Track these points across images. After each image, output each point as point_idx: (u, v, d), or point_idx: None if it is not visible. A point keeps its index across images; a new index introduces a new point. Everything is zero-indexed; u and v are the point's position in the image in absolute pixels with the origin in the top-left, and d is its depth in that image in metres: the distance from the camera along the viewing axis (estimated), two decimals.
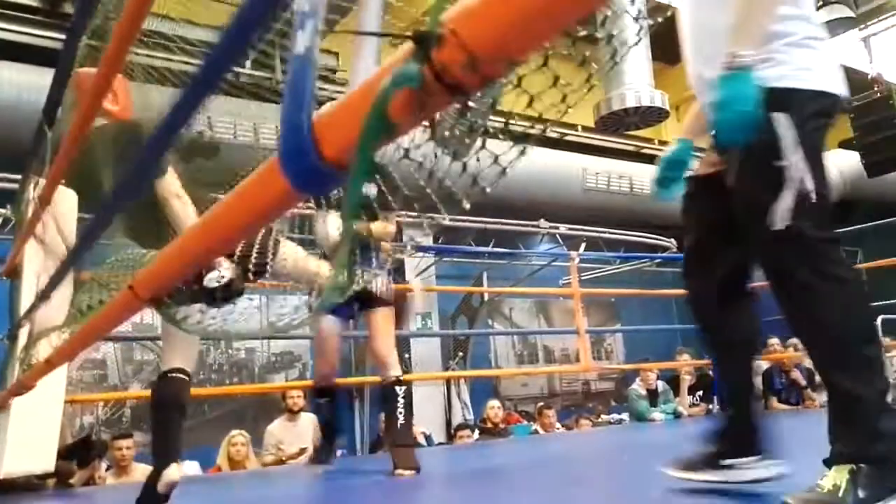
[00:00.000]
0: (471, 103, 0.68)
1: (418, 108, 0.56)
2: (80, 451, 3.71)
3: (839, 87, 1.65)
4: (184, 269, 0.95)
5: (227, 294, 1.75)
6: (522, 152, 0.79)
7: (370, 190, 2.26)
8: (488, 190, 0.83)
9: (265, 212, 0.77)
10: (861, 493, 1.39)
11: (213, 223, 0.84)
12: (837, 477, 1.41)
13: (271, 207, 0.76)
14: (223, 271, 1.68)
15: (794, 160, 1.51)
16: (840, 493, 1.39)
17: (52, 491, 3.38)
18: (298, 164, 0.69)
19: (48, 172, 2.52)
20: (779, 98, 1.51)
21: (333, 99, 0.85)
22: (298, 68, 0.67)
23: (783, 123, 1.53)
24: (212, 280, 1.65)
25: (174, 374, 2.26)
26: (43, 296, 2.42)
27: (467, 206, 0.89)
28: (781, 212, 1.49)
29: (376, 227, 2.65)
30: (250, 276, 1.83)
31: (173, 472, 2.07)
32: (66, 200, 3.11)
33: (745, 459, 1.69)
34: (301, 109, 0.69)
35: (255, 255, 1.76)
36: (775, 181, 1.51)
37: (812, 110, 1.59)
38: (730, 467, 1.67)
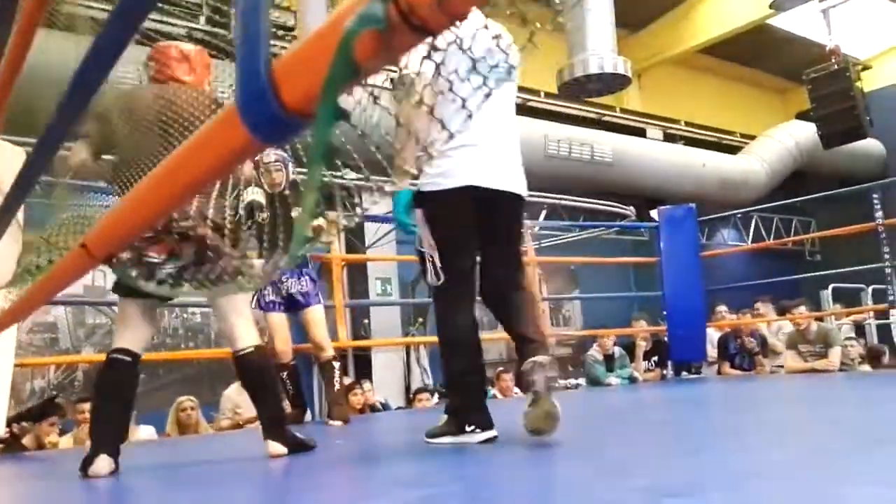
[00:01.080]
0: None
1: (384, 49, 0.54)
2: (44, 410, 3.65)
3: (472, 180, 2.28)
4: (139, 224, 0.91)
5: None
6: (488, 95, 0.77)
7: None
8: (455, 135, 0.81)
9: (223, 163, 0.74)
10: (447, 428, 2.41)
11: (168, 176, 0.80)
12: (442, 419, 2.45)
13: (230, 158, 0.72)
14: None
15: (426, 247, 2.33)
16: (442, 426, 2.43)
17: (3, 455, 3.30)
18: (258, 112, 0.65)
19: None
20: (420, 198, 2.31)
21: None
22: (249, 7, 0.63)
23: (419, 218, 2.32)
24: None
25: (118, 356, 2.21)
26: None
27: (434, 153, 0.87)
28: (429, 276, 2.35)
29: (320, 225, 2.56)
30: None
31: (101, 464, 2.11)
32: (9, 157, 2.99)
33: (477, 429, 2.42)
34: (256, 53, 0.66)
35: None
36: (422, 258, 2.37)
37: (441, 204, 2.29)
38: (471, 433, 2.37)
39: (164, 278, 1.37)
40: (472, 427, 2.37)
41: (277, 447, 2.30)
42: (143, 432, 4.75)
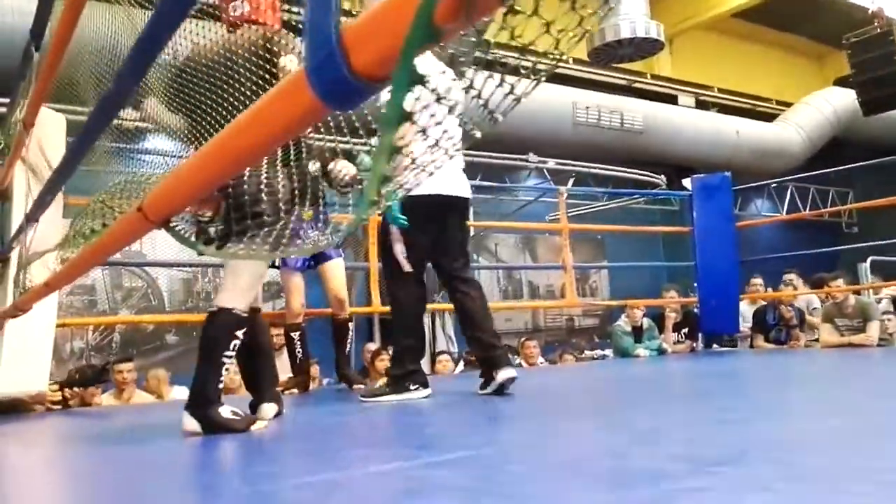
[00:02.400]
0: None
1: (465, 12, 0.53)
2: (95, 377, 3.75)
3: (442, 189, 2.91)
4: (199, 188, 0.92)
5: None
6: (537, 83, 0.77)
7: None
8: (500, 119, 0.81)
9: (289, 128, 0.74)
10: (386, 389, 2.96)
11: (231, 141, 0.81)
12: (381, 382, 3.10)
13: (295, 123, 0.73)
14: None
15: (395, 241, 2.94)
16: (381, 387, 3.04)
17: (48, 412, 3.41)
18: (328, 76, 0.65)
19: (31, 94, 2.44)
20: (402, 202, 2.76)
21: None
22: None
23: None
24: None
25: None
26: (29, 218, 2.38)
27: (479, 135, 0.87)
28: (397, 255, 2.94)
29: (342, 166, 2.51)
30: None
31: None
32: (52, 123, 3.03)
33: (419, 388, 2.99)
34: (327, 17, 0.66)
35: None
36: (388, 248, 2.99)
37: (415, 207, 2.80)
38: (415, 391, 2.92)
39: (212, 237, 1.37)
40: (416, 386, 2.95)
41: (191, 423, 2.12)
42: (176, 392, 4.86)
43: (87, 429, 2.91)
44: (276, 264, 3.62)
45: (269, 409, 2.43)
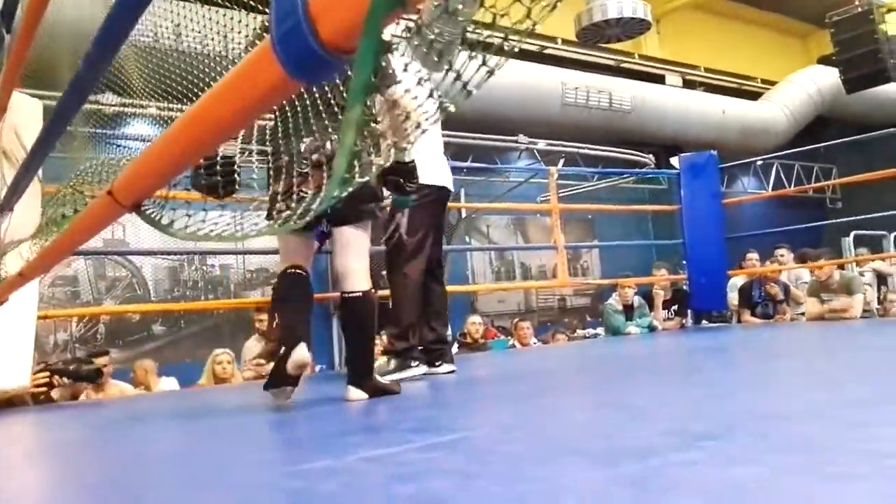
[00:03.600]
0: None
1: None
2: (87, 376, 3.68)
3: (448, 184, 3.30)
4: (168, 170, 0.89)
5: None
6: (510, 53, 0.75)
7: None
8: (474, 92, 0.80)
9: (257, 103, 0.71)
10: (391, 366, 3.05)
11: (199, 117, 0.78)
12: (384, 359, 3.13)
13: (263, 97, 0.70)
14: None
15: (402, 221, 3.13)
16: (385, 365, 3.06)
17: (37, 406, 3.38)
18: (294, 48, 0.63)
19: (2, 77, 2.39)
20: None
21: None
22: None
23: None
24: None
25: (290, 270, 2.44)
26: (3, 207, 2.34)
27: (452, 109, 0.85)
28: (402, 227, 3.13)
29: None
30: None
31: (301, 351, 2.24)
32: (28, 109, 2.98)
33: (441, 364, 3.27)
34: None
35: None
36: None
37: (423, 194, 2.98)
38: (416, 367, 3.09)
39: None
40: (416, 363, 3.11)
41: (357, 393, 2.38)
42: (164, 384, 4.82)
43: (72, 422, 2.88)
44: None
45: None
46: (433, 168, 3.12)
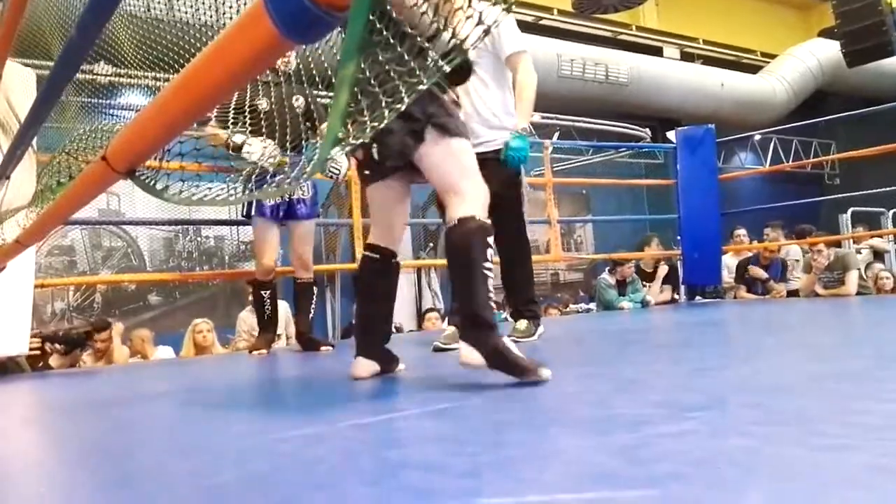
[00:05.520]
0: None
1: None
2: (80, 343, 3.72)
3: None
4: (161, 134, 0.88)
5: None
6: (508, 9, 0.73)
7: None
8: (471, 53, 0.78)
9: (249, 64, 0.70)
10: (533, 329, 3.18)
11: (191, 80, 0.77)
12: (522, 324, 3.17)
13: (256, 58, 0.69)
14: None
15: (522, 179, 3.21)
16: (528, 329, 3.17)
17: (34, 373, 3.39)
18: (287, 5, 0.62)
19: None
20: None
21: None
22: None
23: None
24: None
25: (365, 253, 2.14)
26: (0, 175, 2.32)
27: (447, 69, 0.84)
28: (521, 195, 3.22)
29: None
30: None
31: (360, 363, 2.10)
32: (21, 78, 2.94)
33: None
34: None
35: None
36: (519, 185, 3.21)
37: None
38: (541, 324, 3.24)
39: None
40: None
41: (472, 355, 1.79)
42: (160, 352, 4.88)
43: (73, 392, 2.89)
44: (252, 213, 3.46)
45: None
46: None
